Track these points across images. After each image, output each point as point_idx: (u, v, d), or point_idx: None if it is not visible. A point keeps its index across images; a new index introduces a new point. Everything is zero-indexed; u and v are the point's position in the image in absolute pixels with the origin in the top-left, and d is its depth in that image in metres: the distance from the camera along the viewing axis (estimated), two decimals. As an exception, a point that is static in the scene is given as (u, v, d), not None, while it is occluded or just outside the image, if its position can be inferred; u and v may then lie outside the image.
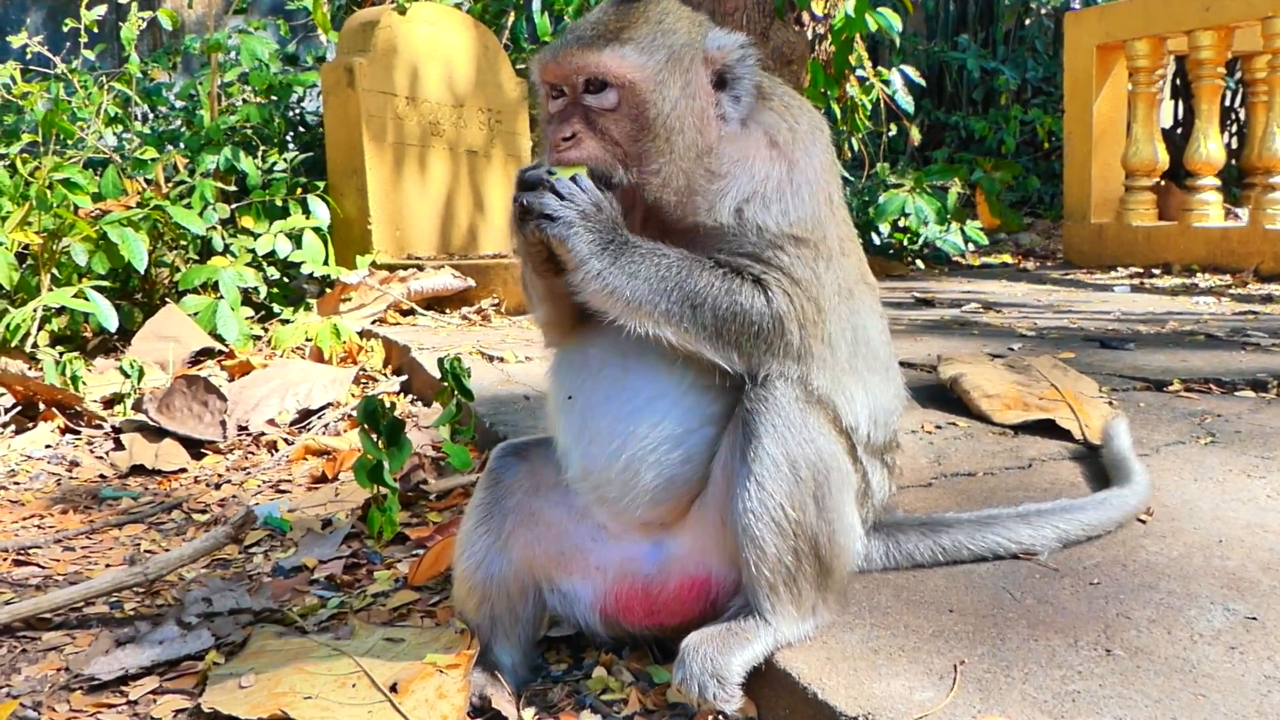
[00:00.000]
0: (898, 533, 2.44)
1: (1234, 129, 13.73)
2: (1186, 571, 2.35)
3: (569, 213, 2.02)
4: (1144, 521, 2.64)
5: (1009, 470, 3.11)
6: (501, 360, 4.98)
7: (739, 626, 2.07)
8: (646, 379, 2.14)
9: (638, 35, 2.09)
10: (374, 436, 3.25)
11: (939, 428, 3.52)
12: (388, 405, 3.33)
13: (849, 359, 2.23)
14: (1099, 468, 3.02)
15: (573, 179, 2.05)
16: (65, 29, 7.08)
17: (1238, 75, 12.32)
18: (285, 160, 7.56)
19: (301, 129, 8.90)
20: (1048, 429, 3.39)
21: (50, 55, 7.06)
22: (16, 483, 4.19)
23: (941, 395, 3.79)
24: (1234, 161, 10.44)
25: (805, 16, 7.68)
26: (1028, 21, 15.20)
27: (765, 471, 2.03)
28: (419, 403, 4.83)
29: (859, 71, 8.02)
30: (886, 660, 2.02)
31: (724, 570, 2.17)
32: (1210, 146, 8.09)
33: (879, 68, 8.48)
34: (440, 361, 3.61)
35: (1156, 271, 7.95)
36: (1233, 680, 1.89)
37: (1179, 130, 13.26)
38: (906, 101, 8.29)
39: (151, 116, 8.92)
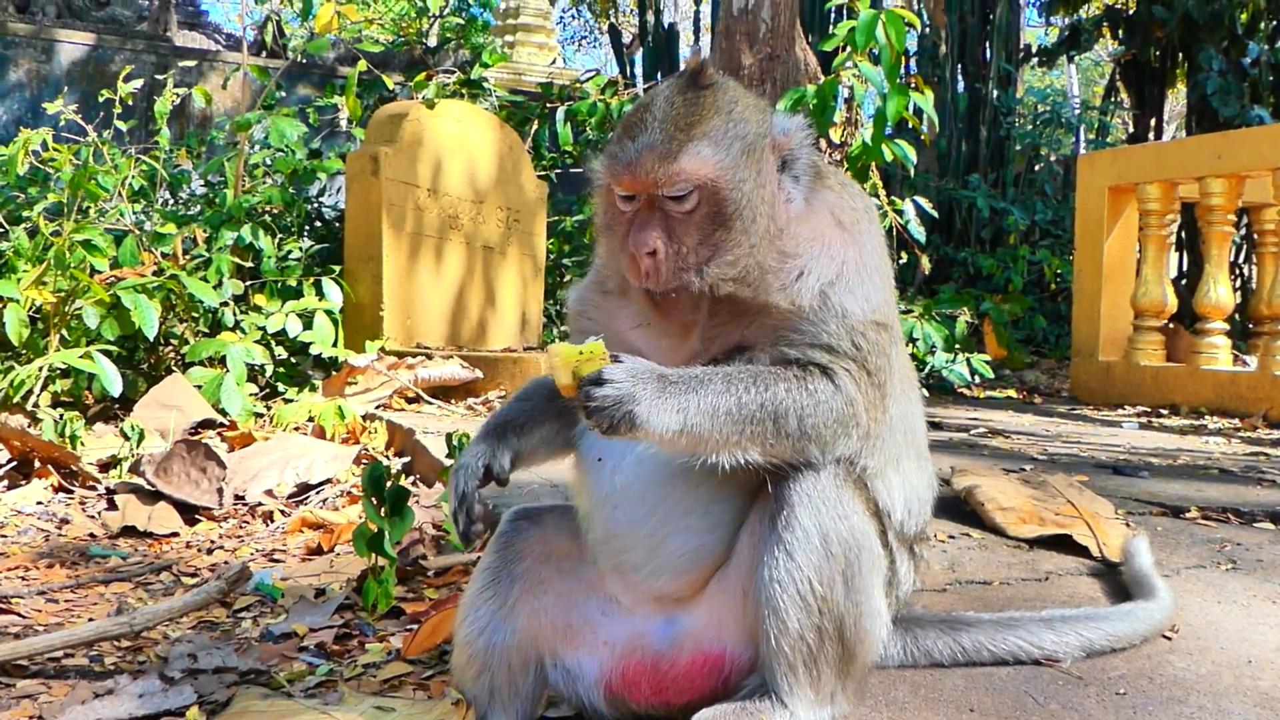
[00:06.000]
0: (916, 628, 2.36)
1: (1237, 283, 13.90)
2: (1217, 689, 2.26)
3: (622, 389, 1.89)
4: (1169, 638, 2.56)
5: (1025, 581, 3.03)
6: (506, 448, 4.90)
7: (753, 707, 1.97)
8: None
9: (711, 129, 2.01)
10: (376, 504, 3.17)
11: (952, 537, 3.45)
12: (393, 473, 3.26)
13: (901, 444, 2.18)
14: (1118, 584, 2.93)
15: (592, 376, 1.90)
16: (100, 99, 7.20)
17: (1241, 231, 12.55)
18: (300, 249, 7.61)
19: (319, 223, 9.00)
20: (1064, 544, 3.32)
21: (83, 124, 7.17)
22: (4, 536, 4.09)
23: (954, 507, 3.71)
24: (1237, 315, 10.55)
25: (822, 143, 7.84)
26: (1037, 167, 15.53)
27: (795, 541, 1.96)
28: (421, 484, 4.75)
29: (873, 199, 8.15)
30: (906, 754, 1.92)
31: (740, 647, 2.08)
32: (1220, 291, 8.16)
33: (892, 198, 8.62)
34: (448, 436, 3.57)
35: (1164, 411, 7.92)
36: (1273, 796, 1.79)
37: (1183, 280, 13.43)
38: (919, 231, 8.38)
39: (172, 201, 9.01)
